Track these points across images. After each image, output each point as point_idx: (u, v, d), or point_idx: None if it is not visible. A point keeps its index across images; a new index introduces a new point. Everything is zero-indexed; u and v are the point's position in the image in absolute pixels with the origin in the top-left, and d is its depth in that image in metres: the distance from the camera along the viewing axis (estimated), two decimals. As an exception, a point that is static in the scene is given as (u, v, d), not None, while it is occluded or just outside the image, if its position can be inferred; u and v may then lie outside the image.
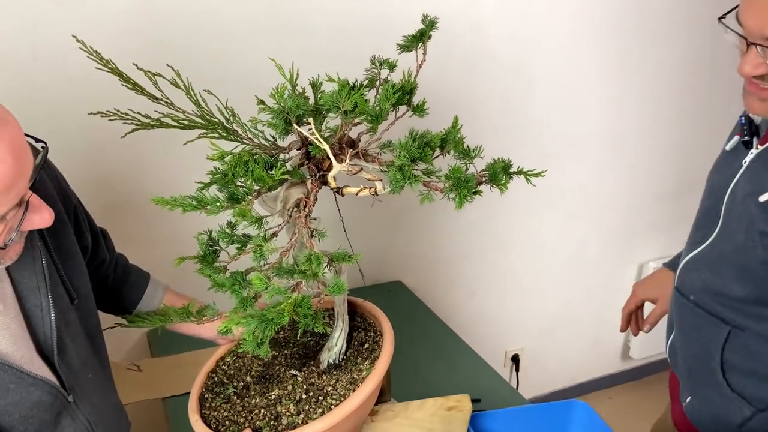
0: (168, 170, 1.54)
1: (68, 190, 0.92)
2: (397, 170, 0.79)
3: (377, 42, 1.60)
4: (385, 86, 0.86)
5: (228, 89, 0.98)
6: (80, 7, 1.33)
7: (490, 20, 1.76)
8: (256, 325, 0.75)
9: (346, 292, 0.83)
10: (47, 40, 1.33)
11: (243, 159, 0.80)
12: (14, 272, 0.76)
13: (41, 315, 0.77)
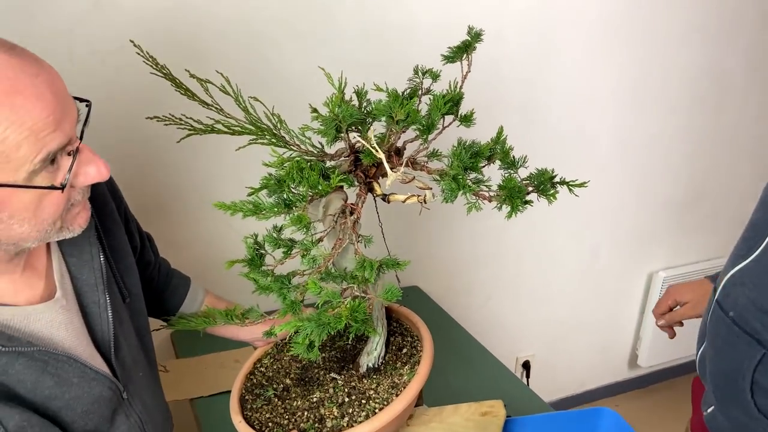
0: (197, 173, 1.56)
1: (118, 191, 0.94)
2: (451, 180, 0.80)
3: (405, 49, 1.63)
4: (436, 97, 0.88)
5: (259, 93, 1.00)
6: (117, 9, 1.35)
7: (511, 29, 1.78)
8: (313, 329, 0.77)
9: (398, 298, 0.85)
10: (84, 42, 1.35)
11: (300, 166, 0.81)
12: (74, 269, 0.78)
13: (99, 312, 0.79)
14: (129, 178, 1.49)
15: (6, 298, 0.72)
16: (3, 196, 0.63)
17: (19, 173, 0.63)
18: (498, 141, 0.92)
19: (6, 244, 0.68)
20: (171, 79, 0.93)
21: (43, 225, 0.68)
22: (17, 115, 0.60)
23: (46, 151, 0.63)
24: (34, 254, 0.77)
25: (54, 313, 0.75)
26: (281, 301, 0.91)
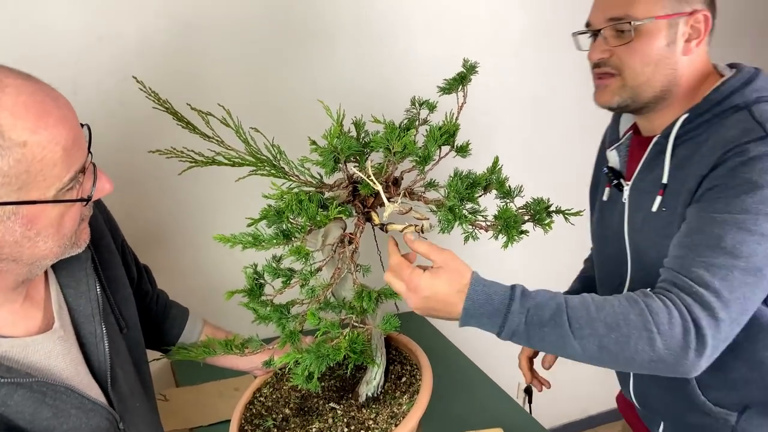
0: (196, 202, 1.57)
1: (115, 223, 0.95)
2: (447, 211, 0.82)
3: (403, 78, 1.66)
4: (432, 128, 0.90)
5: (259, 124, 1.02)
6: (120, 43, 1.38)
7: (509, 59, 1.81)
8: (312, 360, 0.77)
9: (396, 328, 0.85)
10: (88, 74, 1.37)
11: (299, 198, 0.83)
12: (71, 300, 0.80)
13: (95, 342, 0.80)
14: (129, 206, 1.51)
15: (5, 329, 0.73)
16: (34, 213, 0.66)
17: (50, 191, 0.66)
18: (494, 171, 0.93)
19: (26, 264, 0.71)
20: (173, 113, 0.94)
21: (63, 240, 0.71)
22: (52, 135, 0.64)
23: (74, 169, 0.68)
24: (33, 285, 0.78)
25: (52, 344, 0.76)
26: (280, 331, 0.92)
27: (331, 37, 1.57)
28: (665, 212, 0.99)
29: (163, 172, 1.48)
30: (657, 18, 0.95)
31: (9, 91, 0.62)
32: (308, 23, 1.53)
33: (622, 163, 1.10)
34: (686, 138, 0.98)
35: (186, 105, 0.98)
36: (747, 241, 0.86)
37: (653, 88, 0.99)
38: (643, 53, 0.97)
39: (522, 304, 0.85)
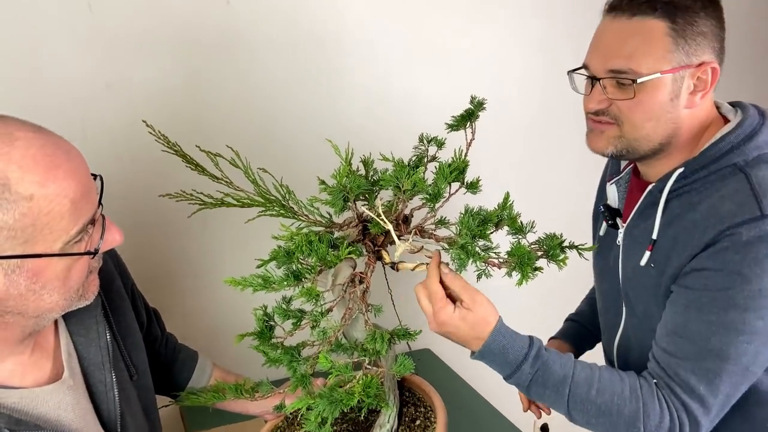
0: (205, 244, 1.57)
1: (125, 268, 0.94)
2: (460, 249, 0.81)
3: (409, 115, 1.67)
4: (441, 165, 0.89)
5: (267, 165, 1.02)
6: (128, 89, 1.39)
7: (515, 99, 1.83)
8: (325, 406, 0.75)
9: (411, 371, 0.83)
10: (97, 120, 1.39)
11: (309, 238, 0.82)
12: (81, 348, 0.78)
13: (105, 391, 0.78)
14: (137, 250, 1.50)
15: (14, 381, 0.72)
16: (40, 267, 0.66)
17: (56, 243, 0.65)
18: (505, 207, 0.92)
19: (31, 317, 0.70)
20: (182, 156, 0.95)
21: (70, 293, 0.70)
22: (60, 188, 0.64)
23: (82, 222, 0.67)
24: (43, 334, 0.77)
25: (61, 395, 0.74)
26: (291, 374, 0.90)
27: (337, 78, 1.59)
28: (653, 269, 0.96)
29: (171, 215, 1.48)
30: (662, 73, 0.89)
31: (19, 144, 0.62)
32: (314, 65, 1.55)
33: (620, 199, 1.06)
34: (680, 192, 0.94)
35: (195, 147, 0.98)
36: (735, 342, 0.86)
37: (652, 141, 0.94)
38: (645, 108, 0.91)
39: (533, 365, 0.91)
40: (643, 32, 0.88)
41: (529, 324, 1.22)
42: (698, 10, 0.88)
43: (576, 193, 2.02)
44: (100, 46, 1.34)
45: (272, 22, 1.46)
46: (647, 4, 0.88)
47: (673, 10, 0.87)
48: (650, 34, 0.88)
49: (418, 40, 1.66)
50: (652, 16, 0.88)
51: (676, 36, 0.88)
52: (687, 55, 0.89)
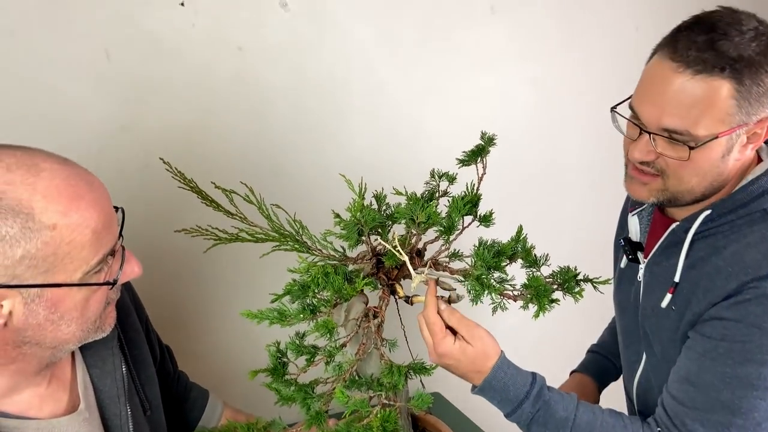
0: (215, 283, 1.56)
1: (140, 302, 0.94)
2: (475, 281, 0.80)
3: (416, 151, 1.70)
4: (455, 199, 0.90)
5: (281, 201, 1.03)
6: (143, 131, 1.42)
7: (513, 132, 1.86)
8: (343, 440, 0.74)
9: (429, 405, 0.82)
10: (111, 162, 1.41)
11: (325, 270, 0.82)
12: (97, 380, 0.78)
13: (120, 424, 0.77)
14: (149, 289, 1.50)
15: (31, 412, 0.72)
16: (59, 296, 0.66)
17: (76, 273, 0.66)
18: (519, 240, 0.92)
19: (48, 348, 0.69)
20: (198, 192, 0.96)
21: (87, 324, 0.70)
22: (83, 218, 0.65)
23: (102, 252, 0.67)
24: (60, 365, 0.77)
25: (77, 426, 0.74)
26: (305, 413, 0.88)
27: (346, 119, 1.62)
28: (674, 311, 0.94)
29: (183, 254, 1.49)
30: (720, 135, 0.83)
31: (44, 176, 0.64)
32: (323, 107, 1.58)
33: (642, 232, 1.04)
34: (706, 234, 0.91)
35: (210, 183, 0.99)
36: (748, 396, 0.84)
37: (695, 194, 0.90)
38: (695, 166, 0.86)
39: (534, 404, 0.90)
40: (706, 94, 0.81)
41: (539, 360, 1.20)
42: (764, 64, 0.81)
43: (588, 226, 2.02)
44: (116, 91, 1.37)
45: (282, 66, 1.50)
46: (715, 60, 0.80)
47: (741, 69, 0.80)
48: (714, 96, 0.81)
49: (425, 82, 1.70)
50: (719, 76, 0.80)
51: (740, 98, 0.82)
52: (747, 114, 0.83)
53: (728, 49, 0.80)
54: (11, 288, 0.62)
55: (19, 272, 0.62)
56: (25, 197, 0.62)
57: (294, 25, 1.49)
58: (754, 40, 0.81)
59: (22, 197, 0.61)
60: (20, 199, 0.61)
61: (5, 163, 0.62)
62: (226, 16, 1.42)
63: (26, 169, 0.63)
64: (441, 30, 1.67)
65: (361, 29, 1.57)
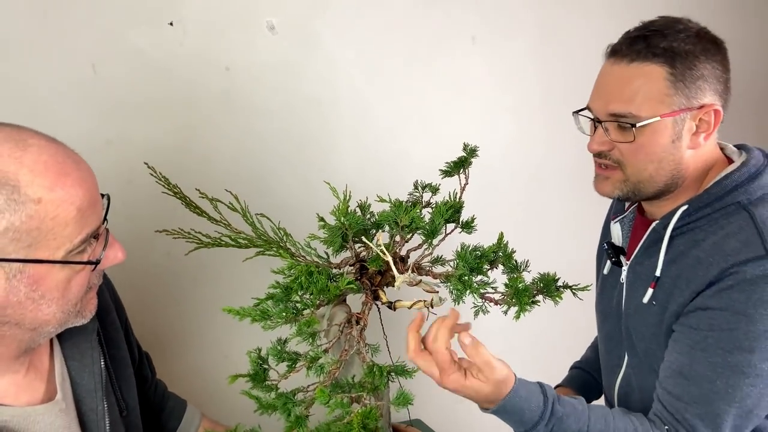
0: (189, 304, 1.55)
1: (121, 302, 0.93)
2: (457, 280, 0.81)
3: (400, 174, 1.72)
4: (438, 204, 0.92)
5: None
6: (128, 145, 1.42)
7: (495, 159, 1.90)
8: (323, 438, 0.73)
9: (410, 404, 0.81)
10: (97, 174, 1.40)
11: (309, 269, 0.82)
12: (74, 373, 0.77)
13: (96, 420, 0.76)
14: (131, 297, 1.48)
15: (7, 399, 0.70)
16: (41, 274, 0.65)
17: (59, 251, 0.65)
18: (500, 246, 0.94)
19: (27, 330, 0.68)
20: (182, 197, 0.96)
21: (68, 306, 0.69)
22: (68, 195, 0.65)
23: (86, 232, 0.67)
24: (38, 355, 0.75)
25: (53, 416, 0.72)
26: (285, 418, 0.87)
27: (331, 138, 1.64)
28: (655, 306, 0.97)
29: (165, 269, 1.47)
30: (662, 116, 0.89)
31: (32, 150, 0.64)
32: (309, 125, 1.60)
33: (624, 238, 1.07)
34: (684, 229, 0.95)
35: (195, 190, 1.00)
36: (740, 384, 0.86)
37: (656, 183, 0.95)
38: (647, 151, 0.92)
39: (548, 425, 0.89)
40: (642, 77, 0.89)
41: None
42: (698, 54, 0.89)
43: (567, 250, 2.05)
44: (102, 105, 1.38)
45: (268, 87, 1.53)
46: (647, 49, 0.89)
47: (672, 55, 0.88)
48: (649, 78, 0.89)
49: (408, 106, 1.74)
50: (651, 61, 0.89)
51: (675, 80, 0.89)
52: (687, 98, 0.89)
53: (660, 42, 0.89)
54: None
55: (1, 245, 0.61)
56: (12, 170, 0.62)
57: (281, 47, 1.52)
58: (681, 33, 0.89)
59: (8, 170, 0.62)
60: (6, 172, 0.61)
61: None
62: (215, 36, 1.45)
63: (14, 143, 0.63)
64: (424, 56, 1.72)
65: (346, 53, 1.61)
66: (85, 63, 1.35)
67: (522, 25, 1.87)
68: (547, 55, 1.92)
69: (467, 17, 1.77)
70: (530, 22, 1.88)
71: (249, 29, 1.49)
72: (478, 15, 1.78)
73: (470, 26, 1.79)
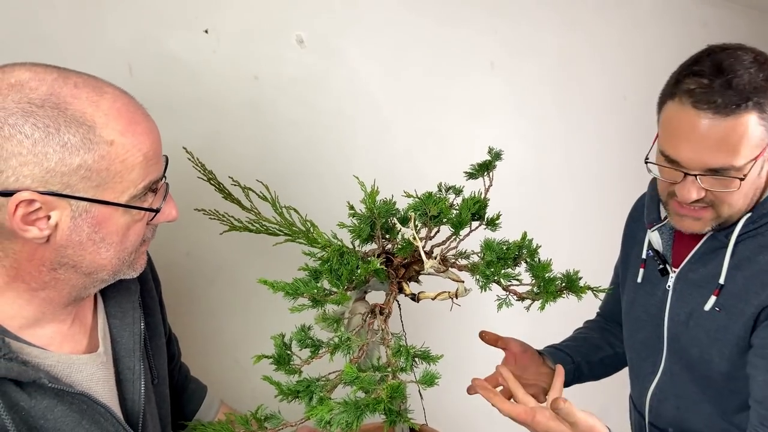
0: (212, 302, 1.56)
1: (157, 275, 0.95)
2: (485, 266, 0.83)
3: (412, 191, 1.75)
4: (465, 199, 0.94)
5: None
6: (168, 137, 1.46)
7: (509, 186, 1.93)
8: (351, 410, 0.73)
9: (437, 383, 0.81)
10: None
11: (341, 250, 0.84)
12: (115, 331, 0.79)
13: (132, 380, 0.77)
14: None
15: (52, 347, 0.71)
16: (104, 216, 0.67)
17: (124, 195, 0.68)
18: (524, 245, 0.96)
19: (82, 274, 0.70)
20: (215, 183, 0.99)
21: (124, 253, 0.71)
22: (138, 141, 0.68)
23: (149, 179, 0.70)
24: (83, 309, 0.76)
25: (95, 368, 0.73)
26: (306, 403, 0.87)
27: (350, 151, 1.68)
28: (719, 313, 0.97)
29: (180, 275, 1.49)
30: (755, 160, 0.91)
31: (107, 97, 0.67)
32: (329, 138, 1.65)
33: (665, 246, 1.07)
34: (747, 236, 0.96)
35: (228, 177, 1.03)
36: None
37: (743, 212, 0.97)
38: (742, 191, 0.93)
39: None
40: (740, 129, 0.89)
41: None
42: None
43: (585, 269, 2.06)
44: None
45: (294, 98, 1.58)
46: (737, 97, 0.88)
47: (758, 96, 0.88)
48: (746, 128, 0.89)
49: (426, 127, 1.78)
50: (745, 112, 0.88)
51: (765, 122, 0.90)
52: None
53: (744, 86, 0.88)
54: (63, 198, 0.64)
55: (73, 182, 0.63)
56: (89, 111, 0.65)
57: (308, 61, 1.58)
58: (758, 69, 0.89)
59: (86, 111, 0.65)
60: (84, 112, 0.64)
61: (73, 81, 0.66)
62: (246, 46, 1.51)
63: (92, 88, 0.66)
64: (444, 79, 1.78)
65: (369, 71, 1.67)
66: (123, 63, 1.40)
67: (539, 51, 1.93)
68: (563, 80, 1.98)
69: (487, 42, 1.84)
70: (548, 48, 1.95)
71: (279, 41, 1.54)
72: (497, 41, 1.85)
73: (489, 51, 1.85)
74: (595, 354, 1.23)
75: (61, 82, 0.65)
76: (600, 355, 1.24)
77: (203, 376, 1.55)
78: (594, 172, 2.14)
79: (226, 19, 1.48)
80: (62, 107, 0.63)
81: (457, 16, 1.79)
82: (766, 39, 2.71)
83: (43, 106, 0.62)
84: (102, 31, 1.38)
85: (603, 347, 1.25)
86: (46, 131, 0.62)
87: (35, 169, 0.62)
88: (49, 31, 1.34)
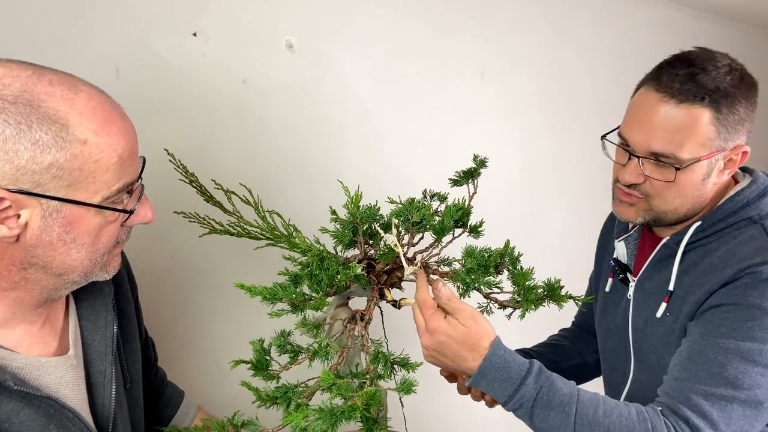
0: (195, 305, 1.54)
1: (134, 277, 0.94)
2: (465, 274, 0.83)
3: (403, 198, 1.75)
4: (448, 206, 0.94)
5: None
6: (141, 149, 1.45)
7: (498, 194, 1.93)
8: (326, 418, 0.72)
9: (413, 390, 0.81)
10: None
11: (321, 254, 0.84)
12: (87, 334, 0.77)
13: (103, 384, 0.75)
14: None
15: (21, 348, 0.70)
16: (75, 216, 0.66)
17: (96, 196, 0.66)
18: (506, 253, 0.96)
19: (53, 275, 0.68)
20: (197, 186, 0.98)
21: (96, 255, 0.70)
22: (112, 141, 0.67)
23: (124, 181, 0.68)
24: (54, 311, 0.75)
25: (64, 370, 0.72)
26: (284, 409, 0.86)
27: (339, 156, 1.68)
28: (669, 318, 0.99)
29: (164, 278, 1.48)
30: (701, 159, 0.91)
31: (82, 95, 0.66)
32: (316, 143, 1.64)
33: (629, 256, 1.09)
34: (697, 245, 0.98)
35: (211, 180, 1.02)
36: (750, 372, 0.86)
37: (678, 213, 0.98)
38: (678, 188, 0.94)
39: (537, 380, 0.86)
40: (690, 120, 0.90)
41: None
42: (740, 97, 0.91)
43: (569, 273, 2.06)
44: (122, 107, 1.42)
45: (282, 103, 1.58)
46: (696, 89, 0.89)
47: (719, 99, 0.90)
48: (696, 122, 0.90)
49: (415, 134, 1.78)
50: (700, 105, 0.90)
51: (719, 125, 0.90)
52: (725, 140, 0.92)
53: (707, 82, 0.90)
54: (33, 197, 0.62)
55: (44, 180, 0.62)
56: (63, 109, 0.64)
57: (297, 66, 1.58)
58: (728, 74, 0.91)
59: (59, 108, 0.64)
60: (57, 110, 0.63)
61: (47, 78, 0.65)
62: (235, 50, 1.50)
63: (67, 86, 0.65)
64: (434, 86, 1.78)
65: (359, 77, 1.67)
66: (110, 66, 1.40)
67: (530, 61, 1.94)
68: (552, 90, 1.98)
69: (478, 51, 1.84)
70: (538, 58, 1.96)
71: (268, 46, 1.54)
72: (487, 51, 1.86)
73: (480, 61, 1.86)
74: (564, 362, 1.23)
75: (36, 79, 0.64)
76: (569, 363, 1.24)
77: (186, 380, 1.53)
78: (582, 180, 2.15)
79: (215, 22, 1.47)
80: (35, 104, 0.62)
81: (448, 25, 1.79)
82: (755, 53, 2.74)
83: (15, 102, 0.61)
84: (89, 33, 1.37)
85: (573, 356, 1.25)
86: (18, 128, 0.61)
87: (5, 166, 0.61)
88: (36, 32, 1.33)
